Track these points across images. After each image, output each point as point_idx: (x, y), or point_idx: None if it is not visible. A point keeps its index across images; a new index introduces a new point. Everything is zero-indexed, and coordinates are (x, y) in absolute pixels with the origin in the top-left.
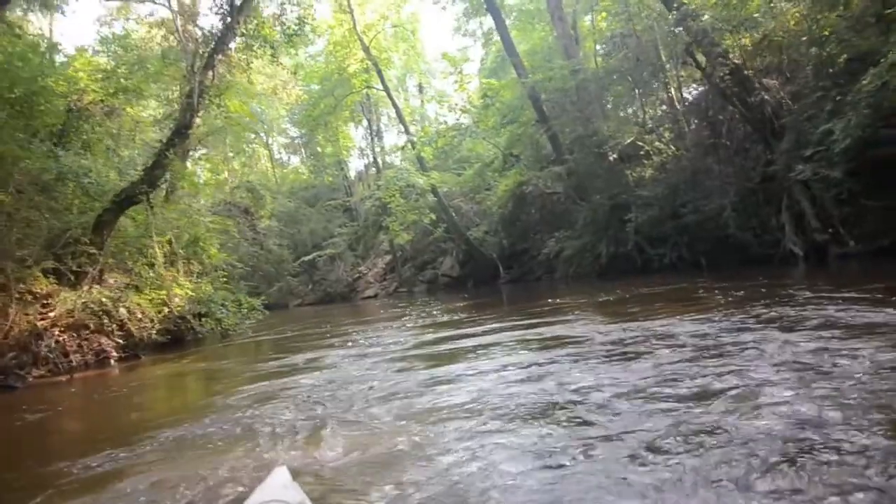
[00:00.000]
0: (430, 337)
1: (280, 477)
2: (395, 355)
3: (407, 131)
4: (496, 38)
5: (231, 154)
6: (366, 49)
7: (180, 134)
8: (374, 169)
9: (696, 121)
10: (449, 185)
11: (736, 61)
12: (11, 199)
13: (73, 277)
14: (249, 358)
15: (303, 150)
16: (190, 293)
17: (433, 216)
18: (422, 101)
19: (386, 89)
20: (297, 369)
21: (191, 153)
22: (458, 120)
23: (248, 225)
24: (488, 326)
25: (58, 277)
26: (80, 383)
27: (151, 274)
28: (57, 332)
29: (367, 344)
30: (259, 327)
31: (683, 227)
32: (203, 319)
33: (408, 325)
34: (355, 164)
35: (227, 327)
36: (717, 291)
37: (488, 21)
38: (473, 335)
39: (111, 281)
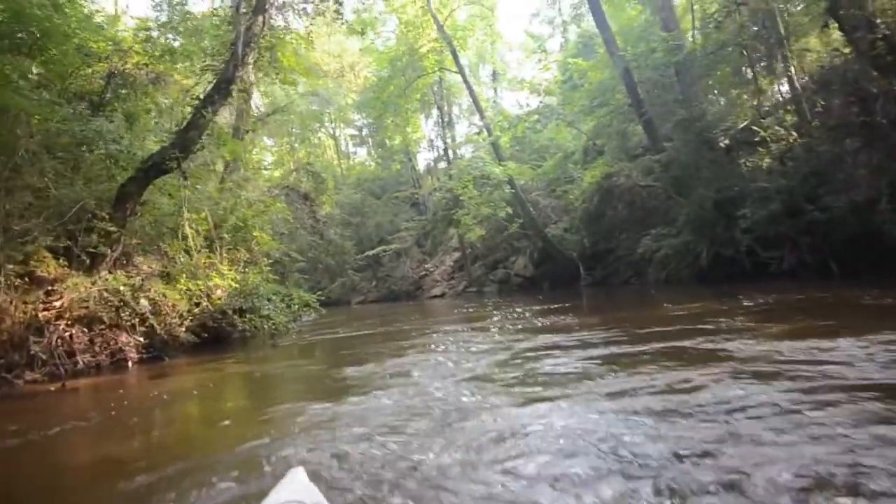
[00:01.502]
0: (522, 346)
1: (297, 477)
2: (483, 374)
3: (481, 115)
4: (580, 20)
5: (297, 144)
6: (440, 27)
7: (221, 90)
8: (443, 162)
9: (822, 101)
10: (526, 178)
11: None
12: (18, 161)
13: (87, 260)
14: (297, 366)
15: (370, 141)
16: (234, 284)
17: (509, 209)
18: (495, 90)
19: (460, 70)
20: (354, 387)
21: (250, 134)
22: (541, 103)
23: (308, 212)
24: (600, 336)
25: (68, 259)
26: (80, 392)
27: (187, 260)
28: (63, 326)
29: (441, 353)
30: (317, 326)
31: (807, 226)
32: (247, 316)
33: (489, 329)
34: (424, 157)
35: (276, 326)
36: None
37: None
38: (584, 346)
39: (145, 267)
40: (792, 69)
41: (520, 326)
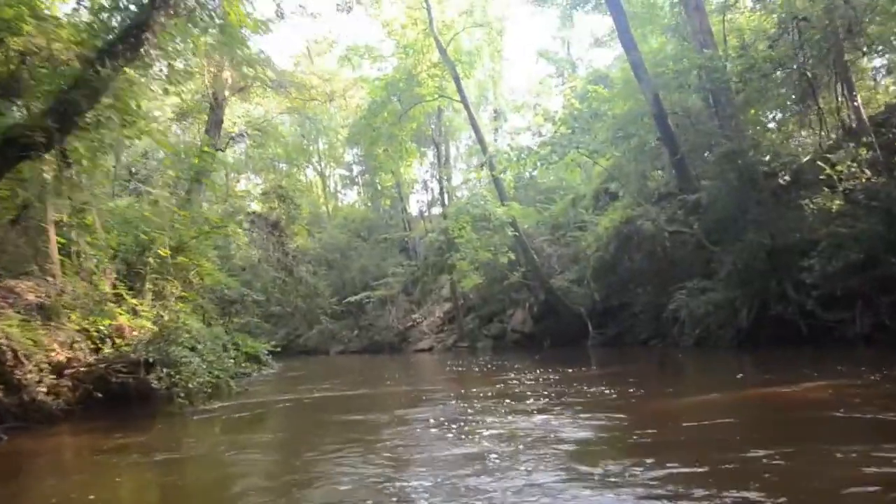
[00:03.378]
0: (574, 441)
1: None
2: None
3: (483, 148)
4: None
5: (283, 182)
6: (442, 51)
7: (128, 38)
8: (438, 206)
9: None
10: (530, 223)
11: None
12: None
13: None
14: (227, 460)
15: (359, 181)
16: (149, 326)
17: (511, 255)
18: (496, 130)
19: (462, 97)
20: None
21: (222, 153)
22: (556, 133)
23: (276, 243)
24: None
25: None
26: None
27: (84, 289)
28: None
29: (458, 447)
30: (280, 382)
31: (885, 282)
32: (164, 370)
33: (504, 402)
34: (417, 199)
35: (204, 385)
36: None
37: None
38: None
39: (31, 297)
40: (858, 98)
41: (545, 401)
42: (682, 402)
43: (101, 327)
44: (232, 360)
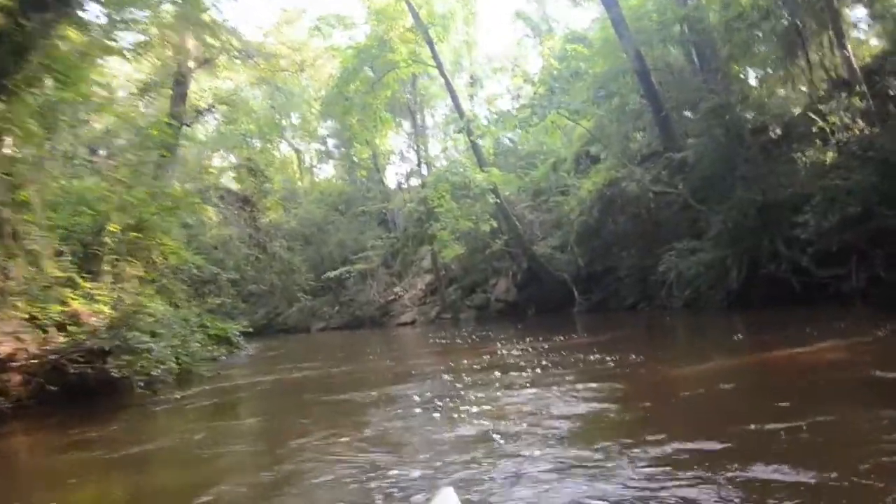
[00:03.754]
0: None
1: (448, 499)
2: None
3: (460, 113)
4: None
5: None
6: (415, 15)
7: None
8: (416, 178)
9: None
10: (511, 189)
11: None
12: None
13: None
14: (187, 455)
15: (335, 153)
16: (106, 310)
17: (493, 223)
18: (472, 98)
19: (437, 62)
20: None
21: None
22: (535, 95)
23: (247, 219)
24: None
25: None
26: None
27: (30, 273)
28: None
29: (435, 431)
30: (258, 362)
31: (878, 236)
32: (124, 358)
33: (496, 375)
34: (395, 171)
35: (170, 371)
36: None
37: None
38: None
39: None
40: (848, 47)
41: (535, 373)
42: (679, 370)
43: (52, 314)
44: (198, 344)
